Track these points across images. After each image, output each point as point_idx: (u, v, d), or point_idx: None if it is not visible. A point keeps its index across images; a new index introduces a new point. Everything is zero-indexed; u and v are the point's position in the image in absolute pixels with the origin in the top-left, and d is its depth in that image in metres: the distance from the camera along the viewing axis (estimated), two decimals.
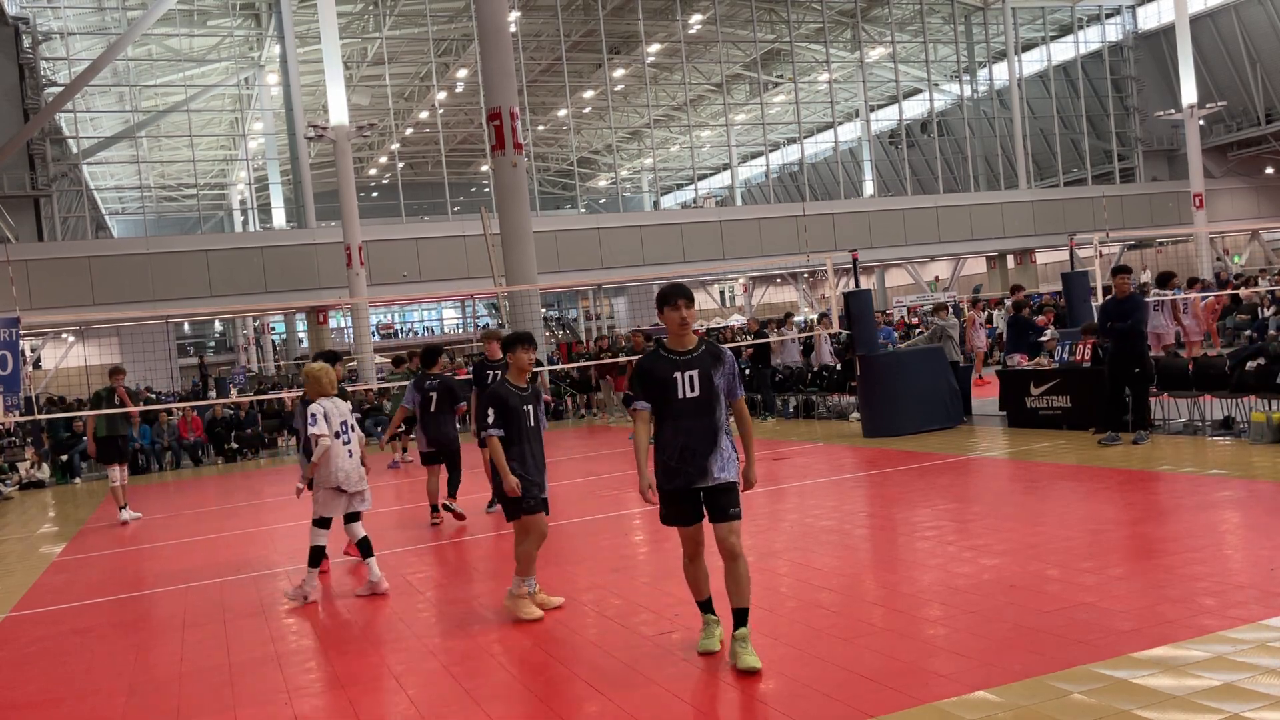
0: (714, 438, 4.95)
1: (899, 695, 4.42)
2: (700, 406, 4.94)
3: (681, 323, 4.98)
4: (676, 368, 4.96)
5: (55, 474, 20.17)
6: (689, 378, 4.93)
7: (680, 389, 4.93)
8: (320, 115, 35.40)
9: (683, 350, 5.01)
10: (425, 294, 36.56)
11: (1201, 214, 40.64)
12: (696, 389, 4.92)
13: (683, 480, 4.95)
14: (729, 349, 5.20)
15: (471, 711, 4.82)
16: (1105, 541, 6.72)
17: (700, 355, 4.99)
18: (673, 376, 4.94)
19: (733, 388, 5.04)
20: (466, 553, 8.93)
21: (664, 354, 5.02)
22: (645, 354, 5.09)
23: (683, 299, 4.97)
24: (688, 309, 4.96)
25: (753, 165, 56.93)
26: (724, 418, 5.02)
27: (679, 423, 4.94)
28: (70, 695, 5.74)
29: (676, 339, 5.04)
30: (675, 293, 4.97)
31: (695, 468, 4.92)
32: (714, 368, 4.97)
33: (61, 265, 29.93)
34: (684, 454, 4.92)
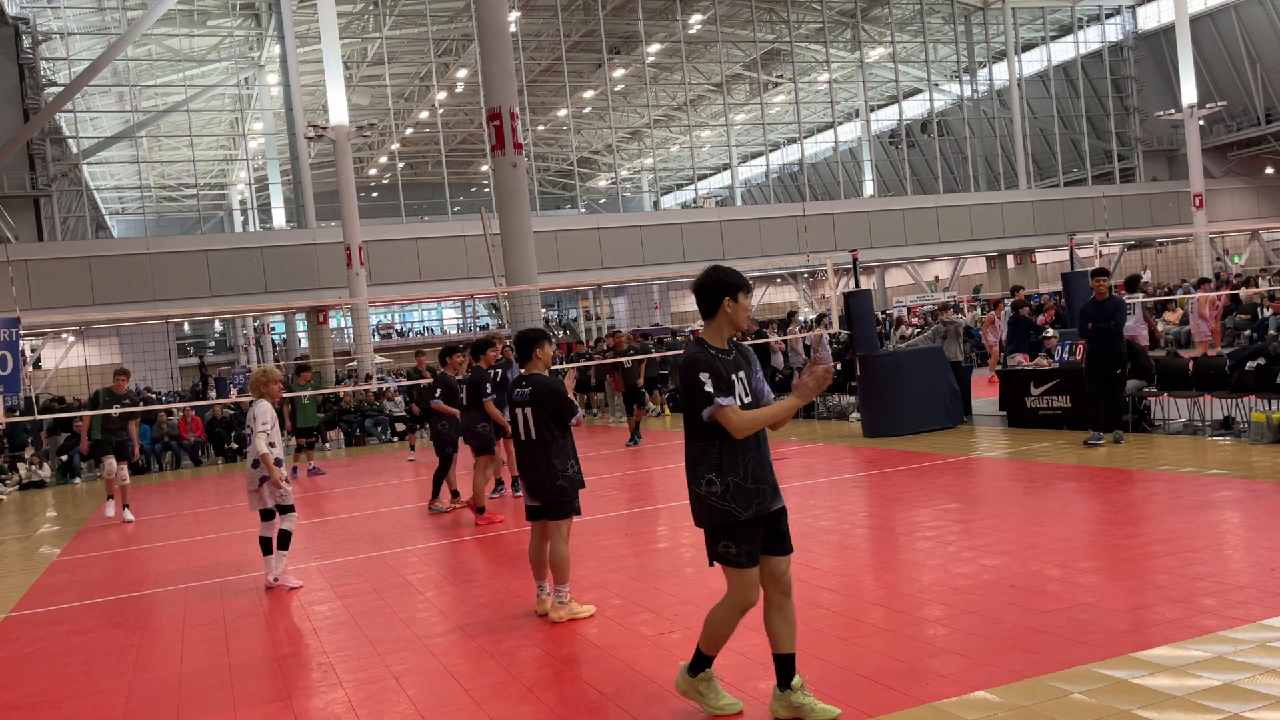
0: (768, 449, 4.26)
1: (899, 695, 4.42)
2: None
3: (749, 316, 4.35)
4: (730, 368, 4.19)
5: (55, 474, 20.18)
6: (741, 379, 4.21)
7: (740, 392, 4.20)
8: (320, 115, 35.43)
9: (724, 349, 4.26)
10: (425, 294, 36.56)
11: (1201, 214, 40.64)
12: (749, 394, 4.21)
13: (759, 505, 4.14)
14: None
15: (471, 711, 4.82)
16: (1105, 541, 6.72)
17: (736, 358, 4.27)
18: (731, 378, 4.15)
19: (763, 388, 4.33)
20: (467, 553, 8.93)
21: (712, 351, 4.23)
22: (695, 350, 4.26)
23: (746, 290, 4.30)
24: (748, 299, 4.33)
25: (753, 165, 56.93)
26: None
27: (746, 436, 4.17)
28: (70, 695, 5.74)
29: (720, 335, 4.28)
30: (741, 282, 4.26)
31: (769, 486, 4.18)
32: (748, 368, 4.29)
33: (61, 265, 29.93)
34: (756, 471, 4.14)
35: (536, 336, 6.54)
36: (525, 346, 6.49)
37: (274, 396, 8.07)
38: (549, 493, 6.26)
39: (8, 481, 19.41)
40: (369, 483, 14.84)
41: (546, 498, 6.28)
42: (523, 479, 6.39)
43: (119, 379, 13.14)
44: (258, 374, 8.14)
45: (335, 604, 7.37)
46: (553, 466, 6.23)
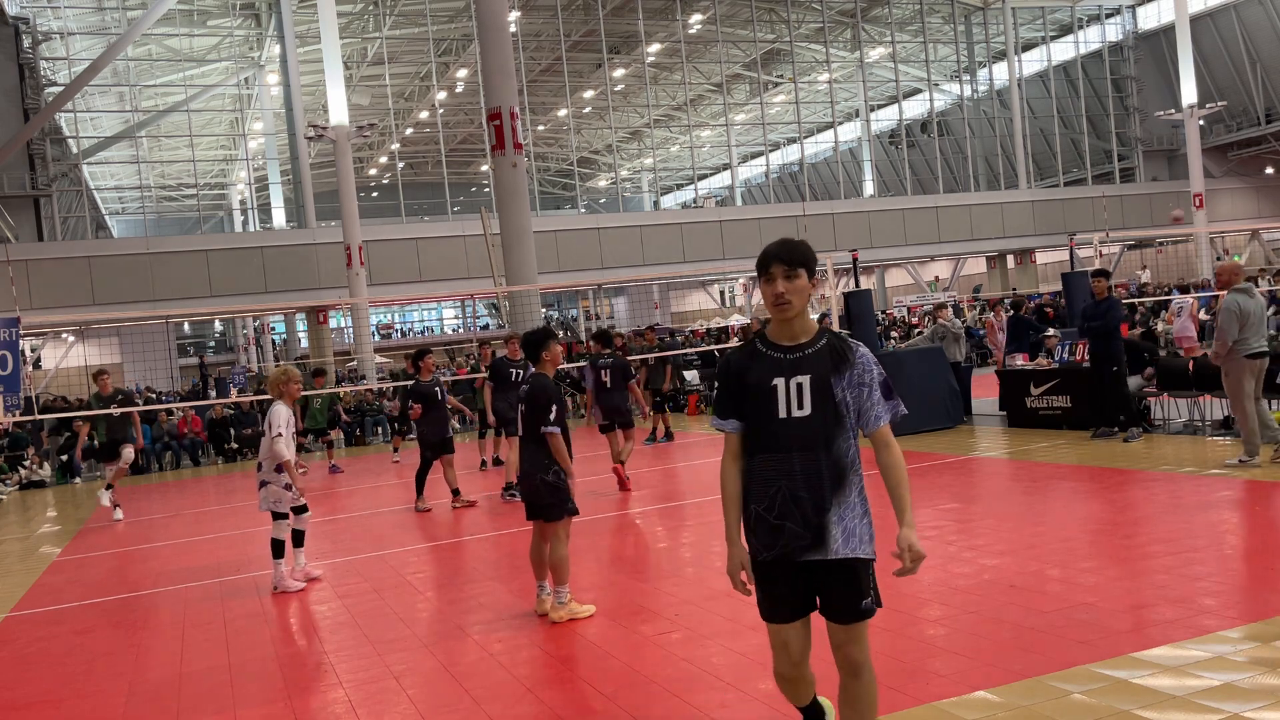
0: (834, 483, 3.32)
1: (899, 695, 4.42)
2: (812, 432, 3.29)
3: (777, 301, 3.32)
4: (780, 370, 3.33)
5: (55, 474, 20.18)
6: (796, 386, 3.29)
7: (783, 403, 3.31)
8: (320, 115, 35.41)
9: (791, 344, 3.37)
10: (425, 294, 36.55)
11: (1201, 214, 40.64)
12: (807, 405, 3.29)
13: (783, 546, 3.33)
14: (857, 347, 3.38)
15: (471, 711, 4.82)
16: (1105, 541, 6.72)
17: (817, 353, 3.32)
18: (773, 384, 3.32)
19: (870, 406, 3.35)
20: (467, 553, 8.93)
21: (762, 349, 3.40)
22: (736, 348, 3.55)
23: (779, 264, 3.32)
24: (788, 279, 3.30)
25: (753, 165, 56.93)
26: (853, 454, 3.40)
27: (778, 456, 3.31)
28: (70, 695, 5.74)
29: (781, 327, 3.39)
30: (766, 258, 3.36)
31: (804, 526, 3.29)
32: (836, 372, 3.30)
33: (61, 265, 29.93)
34: (785, 504, 3.30)
35: (543, 337, 6.55)
36: (533, 348, 6.54)
37: (292, 397, 8.07)
38: (533, 494, 6.32)
39: (8, 481, 19.41)
40: (369, 483, 14.83)
41: (531, 499, 6.35)
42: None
43: (101, 379, 13.15)
44: (278, 374, 8.11)
45: (335, 604, 7.36)
46: (541, 469, 6.26)
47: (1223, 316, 8.98)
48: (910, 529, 3.36)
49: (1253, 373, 8.96)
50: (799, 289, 3.31)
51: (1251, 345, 8.92)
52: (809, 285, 3.32)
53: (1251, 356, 8.93)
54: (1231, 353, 8.94)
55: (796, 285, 3.30)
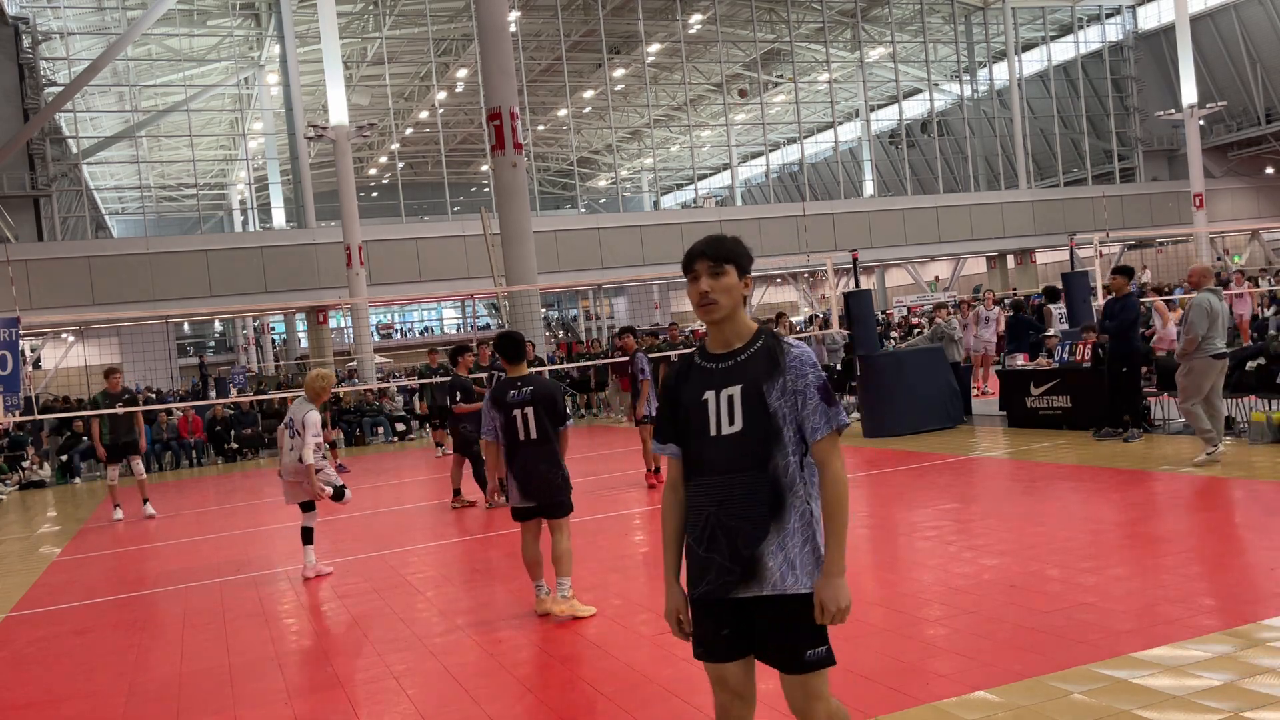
0: (771, 507, 2.84)
1: (899, 695, 4.42)
2: (743, 450, 2.85)
3: (702, 301, 2.91)
4: (711, 382, 2.92)
5: (55, 474, 20.18)
6: (727, 399, 2.87)
7: (714, 419, 2.89)
8: (320, 115, 35.41)
9: (723, 352, 2.94)
10: (425, 294, 36.56)
11: (1201, 214, 40.65)
12: (738, 419, 2.85)
13: (713, 581, 2.88)
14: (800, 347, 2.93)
15: (471, 711, 4.82)
16: (1105, 541, 6.72)
17: (751, 359, 2.90)
18: (703, 398, 2.91)
19: (806, 416, 2.85)
20: (467, 553, 8.93)
21: (697, 361, 2.99)
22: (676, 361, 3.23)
23: (704, 260, 2.91)
24: (714, 276, 2.89)
25: (753, 165, 56.94)
26: (794, 472, 2.86)
27: (709, 479, 2.89)
28: (70, 695, 5.74)
29: (713, 334, 2.97)
30: (690, 255, 2.96)
31: (732, 559, 2.84)
32: (769, 379, 2.86)
33: (61, 265, 29.93)
34: (713, 534, 2.87)
35: (523, 338, 6.66)
36: (518, 347, 6.53)
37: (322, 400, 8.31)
38: (551, 492, 6.30)
39: (8, 481, 19.41)
40: (369, 483, 14.83)
41: (548, 497, 6.31)
42: (517, 479, 6.33)
43: (113, 378, 13.17)
44: (315, 378, 8.29)
45: (335, 604, 7.37)
46: (556, 466, 6.29)
47: (1194, 313, 9.19)
48: (834, 576, 2.81)
49: (1216, 372, 9.24)
50: (726, 287, 2.89)
51: (1217, 345, 9.20)
52: (740, 284, 2.91)
53: (1218, 356, 9.21)
54: (1199, 351, 9.17)
55: (724, 283, 2.89)
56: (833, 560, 2.82)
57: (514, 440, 6.31)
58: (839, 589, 2.81)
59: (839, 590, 2.81)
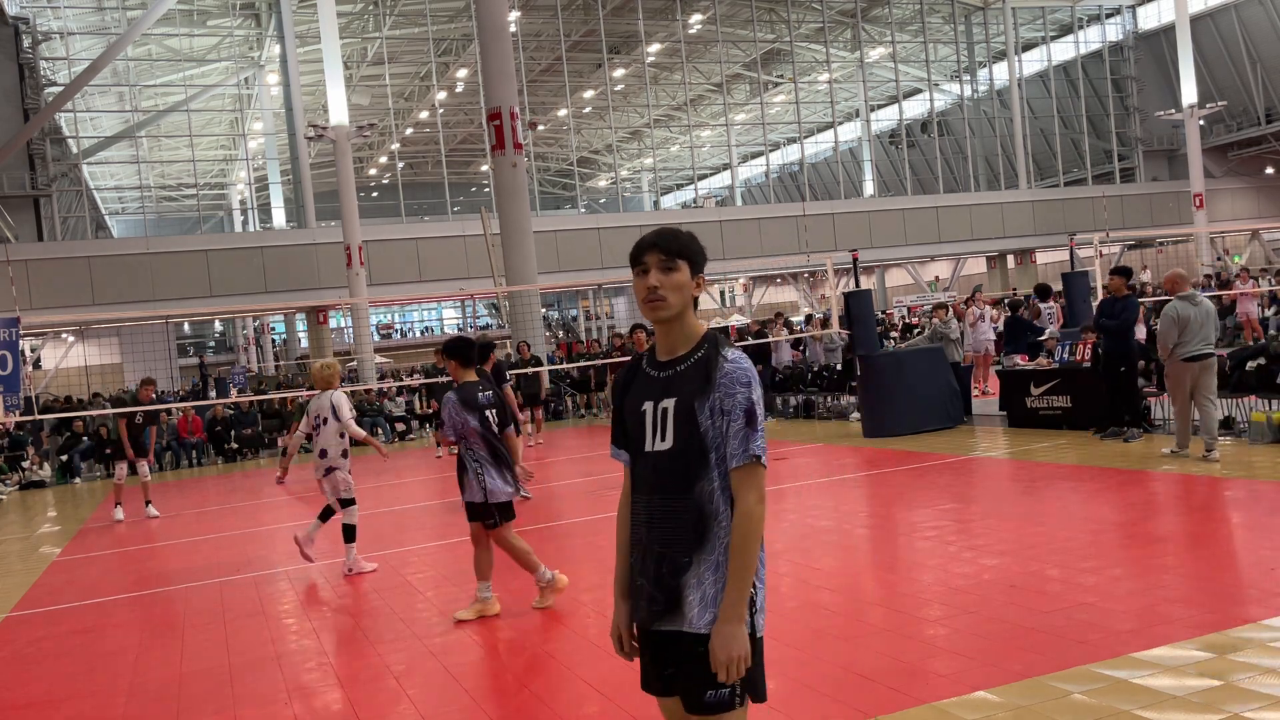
0: (696, 535, 2.59)
1: (899, 695, 4.42)
2: (671, 470, 2.61)
3: (649, 297, 2.64)
4: (651, 391, 2.68)
5: (55, 474, 20.19)
6: (661, 413, 2.63)
7: (649, 433, 2.66)
8: (320, 115, 35.40)
9: (667, 358, 2.69)
10: (425, 294, 36.55)
11: (1201, 214, 40.64)
12: (669, 436, 2.61)
13: (642, 609, 2.68)
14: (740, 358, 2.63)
15: (471, 711, 4.82)
16: (1105, 541, 6.72)
17: (691, 368, 2.62)
18: (642, 408, 2.68)
19: (726, 439, 2.57)
20: (467, 553, 8.93)
21: (644, 366, 2.76)
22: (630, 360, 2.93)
23: (655, 252, 2.65)
24: (664, 271, 2.63)
25: (753, 165, 56.94)
26: (720, 500, 2.59)
27: (641, 498, 2.69)
28: (70, 695, 5.74)
29: (660, 336, 2.72)
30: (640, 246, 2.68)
31: (657, 588, 2.62)
32: (701, 394, 2.58)
33: (61, 265, 29.93)
34: (643, 559, 2.67)
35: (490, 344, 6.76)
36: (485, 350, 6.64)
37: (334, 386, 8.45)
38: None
39: (8, 481, 19.42)
40: (369, 482, 14.83)
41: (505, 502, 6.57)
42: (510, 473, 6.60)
43: (146, 389, 13.43)
44: (322, 367, 8.48)
45: (335, 604, 7.37)
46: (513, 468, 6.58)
47: (1163, 323, 9.64)
48: (727, 623, 2.51)
49: (1192, 375, 9.52)
50: (677, 284, 2.62)
51: (1190, 349, 9.47)
52: (691, 282, 2.65)
53: (1190, 359, 9.49)
54: (1171, 356, 9.57)
55: (674, 279, 2.62)
56: (728, 604, 2.51)
57: (493, 437, 6.51)
58: (730, 638, 2.49)
59: (730, 639, 2.49)
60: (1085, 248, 22.29)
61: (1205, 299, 9.70)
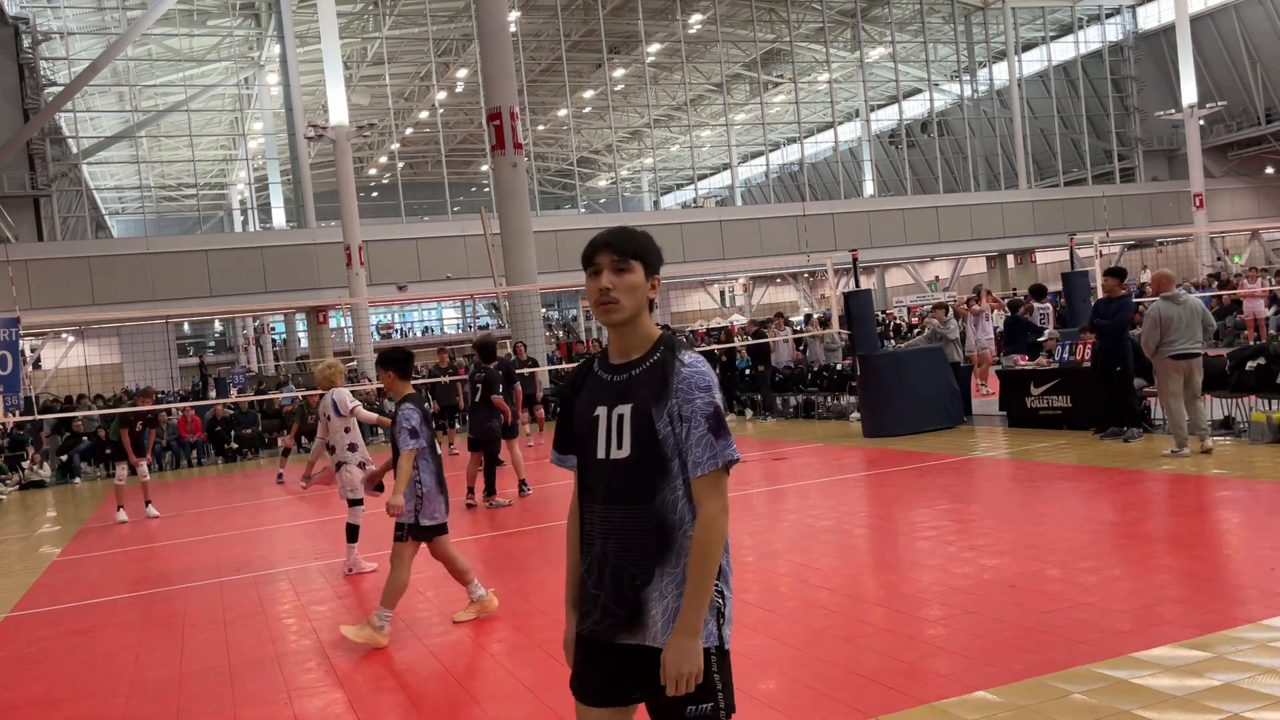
0: (658, 547, 2.49)
1: (899, 695, 4.42)
2: (630, 479, 2.51)
3: (601, 299, 2.54)
4: (604, 396, 2.57)
5: (55, 474, 20.19)
6: (618, 419, 2.53)
7: (603, 439, 2.55)
8: (320, 115, 35.42)
9: (621, 361, 2.59)
10: (425, 294, 36.56)
11: (1201, 214, 40.65)
12: (626, 444, 2.50)
13: (598, 622, 2.55)
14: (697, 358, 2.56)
15: (472, 711, 4.82)
16: (1105, 541, 6.72)
17: (646, 373, 2.53)
18: (595, 414, 2.57)
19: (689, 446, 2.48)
20: (466, 553, 8.93)
21: (595, 369, 2.66)
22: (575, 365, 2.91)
23: (608, 252, 2.55)
24: (617, 272, 2.54)
25: (753, 165, 56.95)
26: (684, 509, 2.50)
27: (596, 508, 2.56)
28: (70, 695, 5.74)
29: (613, 339, 2.62)
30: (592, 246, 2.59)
31: (617, 602, 2.51)
32: (659, 400, 2.49)
33: (61, 265, 29.94)
34: (600, 570, 2.54)
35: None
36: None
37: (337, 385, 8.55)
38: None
39: (8, 481, 19.42)
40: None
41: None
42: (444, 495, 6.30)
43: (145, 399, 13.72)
44: (324, 368, 8.61)
45: (335, 604, 7.37)
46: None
47: (1146, 323, 9.84)
48: (682, 636, 2.41)
49: (1179, 372, 9.72)
50: (630, 286, 2.51)
51: (1176, 348, 9.68)
52: (646, 284, 2.55)
53: (1177, 357, 9.69)
54: (1157, 355, 9.77)
55: (628, 281, 2.51)
56: (685, 617, 2.41)
57: (436, 454, 6.23)
58: (683, 651, 2.39)
59: (683, 653, 2.39)
60: (1085, 248, 22.29)
61: (1192, 298, 9.88)
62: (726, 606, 2.54)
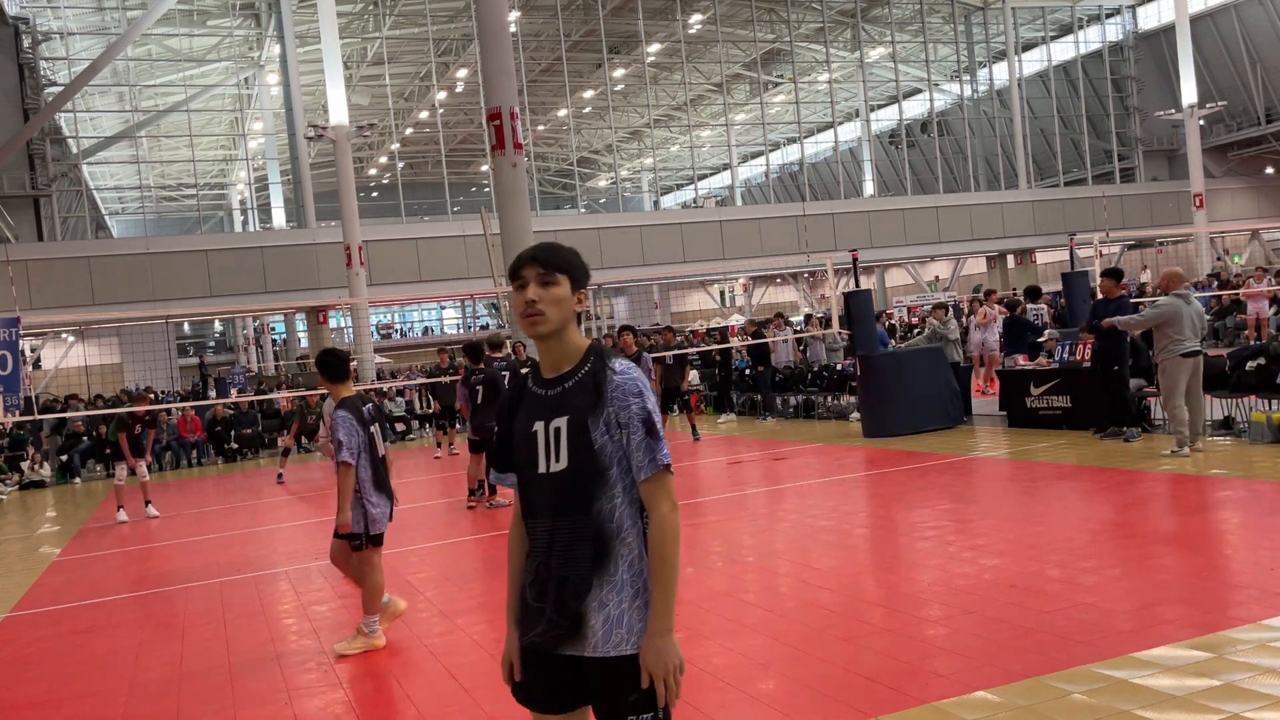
0: (597, 556, 2.54)
1: (899, 695, 4.42)
2: (568, 491, 2.55)
3: (527, 311, 2.58)
4: (540, 411, 2.61)
5: (55, 474, 20.19)
6: (554, 432, 2.57)
7: (542, 454, 2.59)
8: (320, 115, 35.40)
9: (553, 375, 2.63)
10: (425, 294, 36.55)
11: (1201, 214, 40.64)
12: (563, 456, 2.55)
13: (542, 634, 2.58)
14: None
15: (472, 711, 4.82)
16: (1105, 541, 6.72)
17: (579, 384, 2.58)
18: (533, 429, 2.61)
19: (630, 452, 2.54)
20: (467, 553, 8.93)
21: (530, 385, 2.68)
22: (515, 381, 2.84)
23: (534, 266, 2.60)
24: (543, 285, 2.59)
25: (753, 165, 56.94)
26: (623, 517, 2.56)
27: (538, 522, 2.61)
28: (70, 695, 5.74)
29: (543, 354, 2.65)
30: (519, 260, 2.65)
31: (560, 613, 2.54)
32: (594, 410, 2.54)
33: (61, 265, 29.93)
34: (543, 583, 2.58)
35: (347, 356, 6.30)
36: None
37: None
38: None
39: (8, 481, 19.41)
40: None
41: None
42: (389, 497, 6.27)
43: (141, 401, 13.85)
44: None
45: (335, 604, 7.37)
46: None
47: (1153, 310, 9.92)
48: (658, 636, 2.48)
49: (1187, 371, 9.78)
50: (556, 299, 2.56)
51: (1186, 346, 9.74)
52: (572, 297, 2.59)
53: (1187, 355, 9.76)
54: (1166, 351, 9.80)
55: (553, 294, 2.56)
56: (657, 617, 2.48)
57: (376, 458, 6.13)
58: (663, 650, 2.46)
59: (663, 652, 2.46)
60: (1085, 248, 22.29)
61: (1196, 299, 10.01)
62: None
